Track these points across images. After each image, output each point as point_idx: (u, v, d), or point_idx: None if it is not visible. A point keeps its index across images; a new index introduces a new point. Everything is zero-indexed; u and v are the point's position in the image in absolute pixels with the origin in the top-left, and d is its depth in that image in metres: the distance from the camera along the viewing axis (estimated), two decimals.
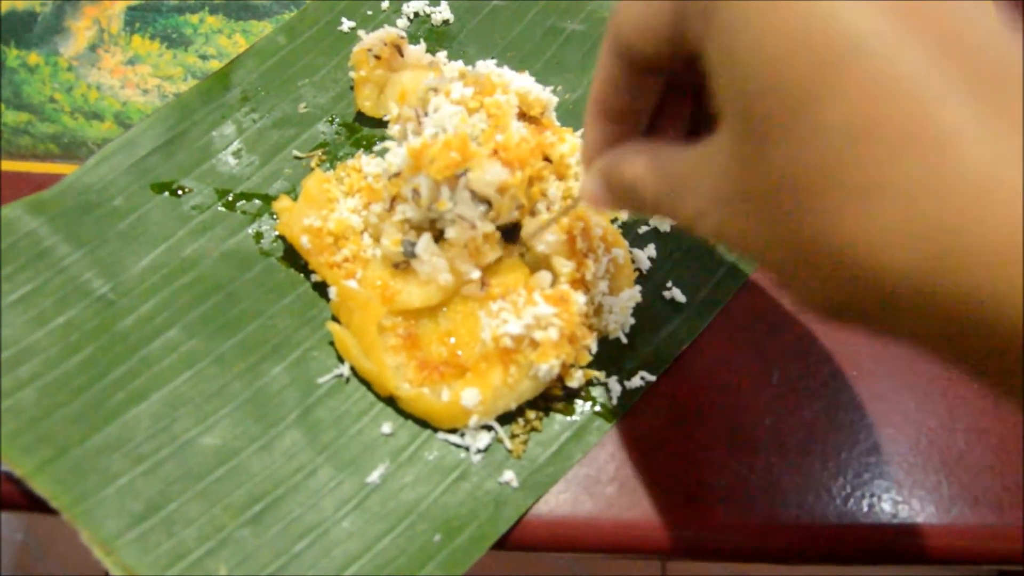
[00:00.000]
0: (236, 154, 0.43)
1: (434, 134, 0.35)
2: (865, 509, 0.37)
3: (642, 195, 0.26)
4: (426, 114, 0.37)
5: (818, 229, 0.20)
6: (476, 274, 0.37)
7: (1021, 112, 0.18)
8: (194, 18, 0.48)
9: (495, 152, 0.35)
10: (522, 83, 0.40)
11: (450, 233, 0.36)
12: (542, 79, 0.44)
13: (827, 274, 0.20)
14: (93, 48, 0.47)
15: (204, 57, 0.47)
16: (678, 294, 0.41)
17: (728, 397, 0.40)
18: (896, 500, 0.37)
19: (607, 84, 0.27)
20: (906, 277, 0.19)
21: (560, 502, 0.37)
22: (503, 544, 0.35)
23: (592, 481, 0.37)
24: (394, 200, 0.37)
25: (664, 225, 0.43)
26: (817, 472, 0.38)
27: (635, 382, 0.39)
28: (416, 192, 0.36)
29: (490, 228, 0.36)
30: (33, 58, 0.46)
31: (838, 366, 0.41)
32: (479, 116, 0.37)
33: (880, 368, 0.41)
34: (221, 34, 0.48)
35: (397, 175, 0.37)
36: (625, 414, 0.39)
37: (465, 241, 0.36)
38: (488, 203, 0.35)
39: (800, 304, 0.23)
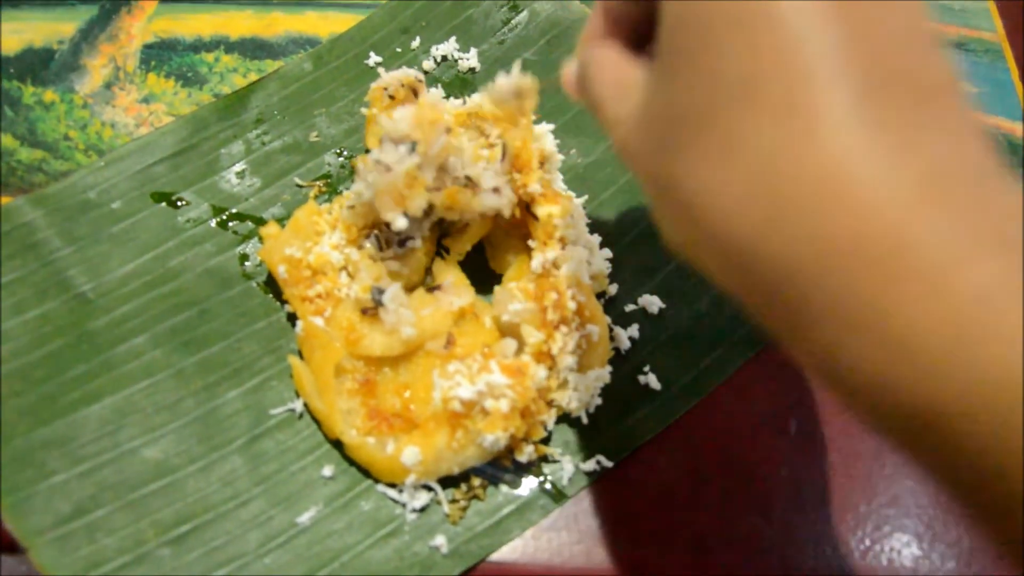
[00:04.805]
0: (240, 174, 0.47)
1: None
2: (884, 563, 0.38)
3: (591, 88, 0.29)
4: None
5: (681, 173, 0.22)
6: (402, 221, 0.38)
7: (901, 115, 0.19)
8: (209, 57, 0.52)
9: None
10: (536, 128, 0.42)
11: (369, 179, 0.38)
12: (558, 139, 0.46)
13: (679, 216, 0.23)
14: (108, 86, 0.51)
15: (218, 96, 0.50)
16: (653, 380, 0.42)
17: (744, 446, 0.41)
18: (916, 555, 0.38)
19: None
20: (738, 237, 0.21)
21: (574, 553, 0.38)
22: None
23: (603, 531, 0.39)
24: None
25: (652, 307, 0.44)
26: (835, 524, 0.39)
27: (590, 465, 0.40)
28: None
29: (413, 162, 0.37)
30: (49, 95, 0.50)
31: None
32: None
33: None
34: (236, 73, 0.52)
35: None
36: (628, 459, 0.40)
37: (385, 187, 0.38)
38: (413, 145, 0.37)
39: (665, 239, 0.25)
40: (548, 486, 0.39)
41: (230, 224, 0.45)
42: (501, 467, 0.40)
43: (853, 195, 0.19)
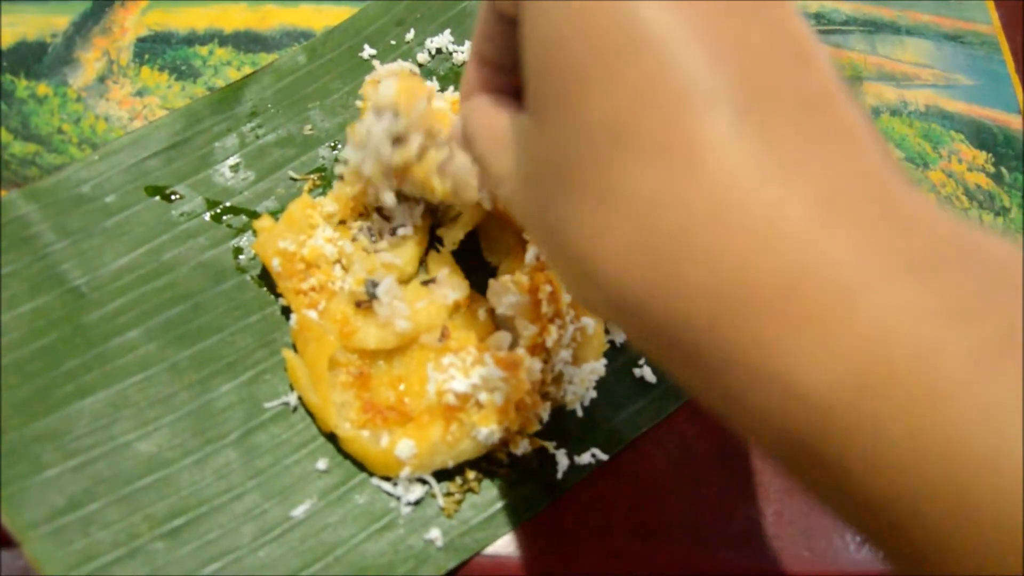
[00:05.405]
0: (234, 168, 0.47)
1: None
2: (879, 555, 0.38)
3: (473, 146, 0.27)
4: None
5: (564, 227, 0.20)
6: (390, 198, 0.39)
7: (787, 133, 0.18)
8: (203, 50, 0.52)
9: None
10: None
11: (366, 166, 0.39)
12: None
13: (571, 272, 0.21)
14: (102, 79, 0.50)
15: (212, 89, 0.50)
16: (648, 373, 0.42)
17: (739, 439, 0.41)
18: None
19: (480, 29, 0.27)
20: (626, 292, 0.19)
21: (569, 546, 0.38)
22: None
23: (598, 524, 0.39)
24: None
25: None
26: (829, 517, 0.39)
27: (585, 458, 0.40)
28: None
29: (398, 126, 0.38)
30: (42, 89, 0.49)
31: None
32: None
33: None
34: (230, 66, 0.51)
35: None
36: (624, 452, 0.40)
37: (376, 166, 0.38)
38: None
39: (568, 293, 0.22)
40: (543, 479, 0.39)
41: (224, 218, 0.45)
42: (496, 460, 0.40)
43: (740, 234, 0.17)
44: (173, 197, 0.45)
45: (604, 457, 0.40)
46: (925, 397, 0.15)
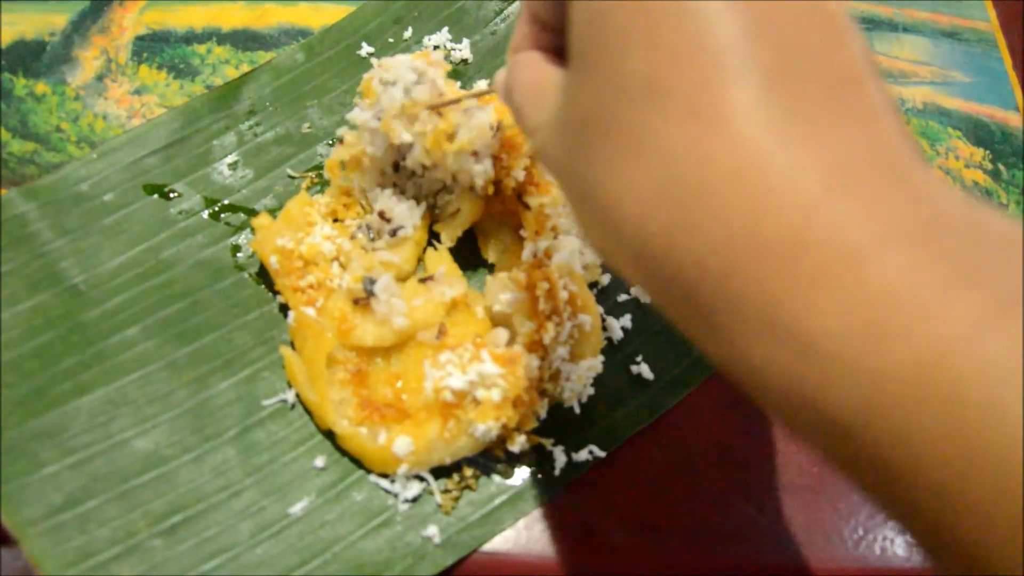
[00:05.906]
0: (232, 166, 0.46)
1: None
2: (878, 552, 0.38)
3: (513, 96, 0.28)
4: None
5: (593, 175, 0.22)
6: (406, 136, 0.39)
7: (810, 107, 0.19)
8: (201, 48, 0.52)
9: None
10: None
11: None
12: None
13: (595, 221, 0.22)
14: (100, 78, 0.50)
15: (211, 87, 0.50)
16: (646, 370, 0.42)
17: (736, 436, 0.41)
18: (910, 542, 0.38)
19: None
20: (651, 238, 0.20)
21: (566, 543, 0.38)
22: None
23: (596, 521, 0.39)
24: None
25: (645, 297, 0.44)
26: (828, 513, 0.39)
27: (582, 455, 0.40)
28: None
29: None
30: (40, 87, 0.49)
31: None
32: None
33: None
34: (228, 64, 0.51)
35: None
36: (621, 449, 0.40)
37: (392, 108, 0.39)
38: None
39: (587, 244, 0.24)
40: (540, 476, 0.39)
41: (222, 215, 0.45)
42: (493, 457, 0.39)
43: (756, 194, 0.18)
44: (171, 195, 0.45)
45: (601, 454, 0.40)
46: (928, 351, 0.16)
